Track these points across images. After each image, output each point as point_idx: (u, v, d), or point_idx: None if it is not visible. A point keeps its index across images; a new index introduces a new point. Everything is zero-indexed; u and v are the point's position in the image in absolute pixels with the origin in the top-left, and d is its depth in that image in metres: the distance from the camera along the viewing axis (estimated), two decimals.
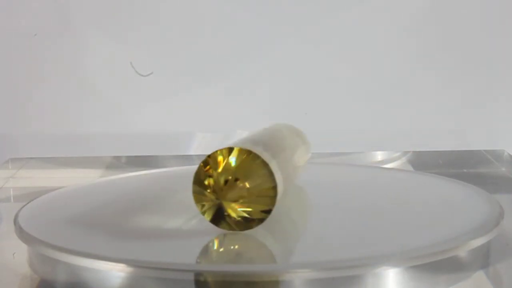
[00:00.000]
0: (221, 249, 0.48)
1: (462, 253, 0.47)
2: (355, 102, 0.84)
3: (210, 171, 0.48)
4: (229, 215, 0.48)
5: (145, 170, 0.70)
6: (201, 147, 0.83)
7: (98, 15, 0.82)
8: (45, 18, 0.82)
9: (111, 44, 0.83)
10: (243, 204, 0.48)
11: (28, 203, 0.55)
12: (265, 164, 0.48)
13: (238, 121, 0.83)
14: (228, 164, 0.48)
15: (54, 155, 0.80)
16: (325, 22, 0.82)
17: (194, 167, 0.48)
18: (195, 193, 0.48)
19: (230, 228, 0.48)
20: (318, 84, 0.83)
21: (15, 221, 0.51)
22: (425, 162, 0.78)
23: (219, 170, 0.48)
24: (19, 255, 0.50)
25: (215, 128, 0.83)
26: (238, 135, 0.72)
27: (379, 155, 0.80)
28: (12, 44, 0.82)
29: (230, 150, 0.48)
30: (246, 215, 0.48)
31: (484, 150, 0.79)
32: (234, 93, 0.84)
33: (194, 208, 0.48)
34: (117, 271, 0.44)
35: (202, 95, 0.83)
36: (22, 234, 0.49)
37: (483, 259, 0.48)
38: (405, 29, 0.83)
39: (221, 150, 0.48)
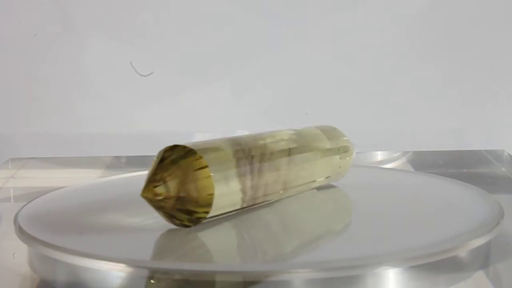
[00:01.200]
0: (220, 249, 0.48)
1: (462, 253, 0.47)
2: (355, 102, 0.84)
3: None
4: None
5: (145, 170, 0.69)
6: None
7: (98, 15, 0.82)
8: (45, 18, 0.82)
9: (111, 44, 0.83)
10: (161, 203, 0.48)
11: (28, 203, 0.55)
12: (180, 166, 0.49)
13: (238, 121, 0.83)
14: (157, 162, 0.49)
15: (54, 155, 0.80)
16: (325, 22, 0.82)
17: None
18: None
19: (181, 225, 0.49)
20: (318, 84, 0.83)
21: (15, 221, 0.51)
22: (425, 162, 0.78)
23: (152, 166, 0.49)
24: (19, 255, 0.50)
25: (215, 128, 0.83)
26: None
27: (379, 155, 0.80)
28: (12, 44, 0.82)
29: (173, 147, 0.49)
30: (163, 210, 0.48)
31: (484, 150, 0.79)
32: (235, 93, 0.84)
33: None
34: (117, 271, 0.44)
35: (202, 95, 0.83)
36: (22, 234, 0.49)
37: (483, 259, 0.48)
38: (405, 29, 0.83)
39: (169, 146, 0.49)
